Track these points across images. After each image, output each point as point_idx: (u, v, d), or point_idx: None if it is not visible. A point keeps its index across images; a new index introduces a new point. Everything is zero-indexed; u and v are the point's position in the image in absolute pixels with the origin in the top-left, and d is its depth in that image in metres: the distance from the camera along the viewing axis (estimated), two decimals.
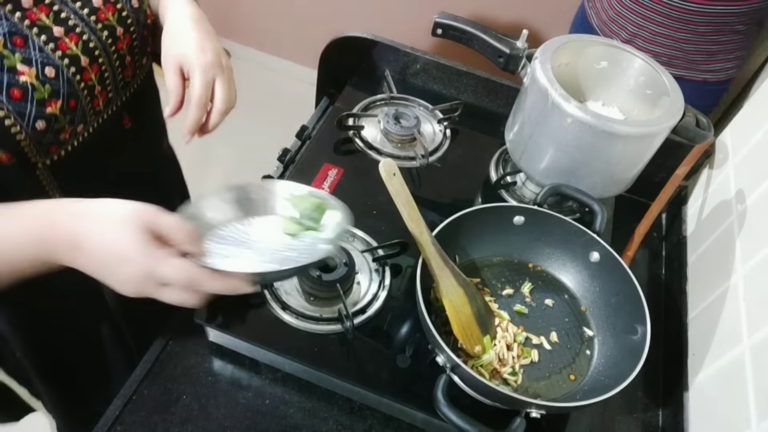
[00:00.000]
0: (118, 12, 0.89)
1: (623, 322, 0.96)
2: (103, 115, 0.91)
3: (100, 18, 0.87)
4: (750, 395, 0.82)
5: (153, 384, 0.95)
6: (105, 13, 0.88)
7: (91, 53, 0.84)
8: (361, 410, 0.96)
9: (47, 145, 0.82)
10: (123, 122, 0.97)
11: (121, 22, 0.89)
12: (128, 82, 0.95)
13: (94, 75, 0.85)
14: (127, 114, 0.97)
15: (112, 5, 0.89)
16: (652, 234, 1.32)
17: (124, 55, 0.91)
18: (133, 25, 0.92)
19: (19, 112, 0.77)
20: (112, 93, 0.91)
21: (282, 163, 1.27)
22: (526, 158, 1.15)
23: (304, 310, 0.99)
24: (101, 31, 0.86)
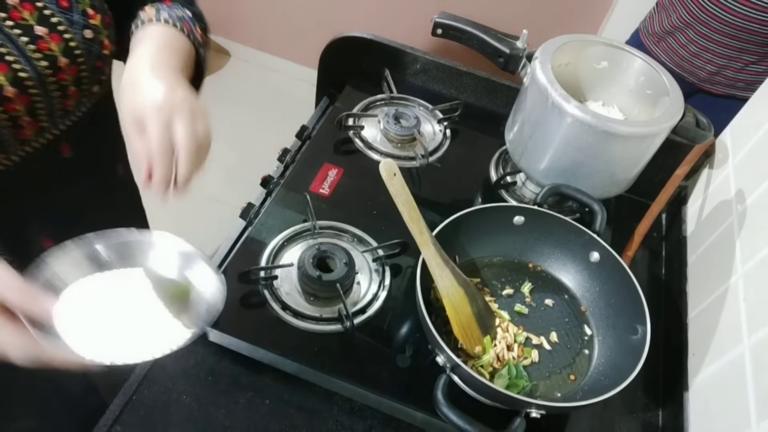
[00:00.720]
0: (65, 42, 0.81)
1: (623, 322, 0.96)
2: (33, 143, 0.83)
3: (40, 48, 0.79)
4: (750, 395, 0.82)
5: (153, 384, 0.95)
6: (48, 43, 0.79)
7: (20, 84, 0.77)
8: (361, 410, 0.96)
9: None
10: (61, 151, 0.89)
11: (66, 53, 0.81)
12: (70, 111, 0.87)
13: (23, 106, 0.78)
14: (66, 143, 0.89)
15: (58, 35, 0.81)
16: (652, 234, 1.32)
17: (67, 86, 0.83)
18: (83, 56, 0.84)
19: None
20: (47, 123, 0.83)
21: (282, 163, 1.27)
22: (526, 158, 1.15)
23: (305, 310, 0.99)
24: (39, 62, 0.78)
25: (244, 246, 1.08)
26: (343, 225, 1.12)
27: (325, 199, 1.18)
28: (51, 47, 0.80)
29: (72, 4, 0.83)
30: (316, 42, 1.44)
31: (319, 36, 1.39)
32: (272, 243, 1.07)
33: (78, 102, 0.87)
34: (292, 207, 1.15)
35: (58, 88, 0.82)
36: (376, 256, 1.08)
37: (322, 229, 1.11)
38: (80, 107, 0.88)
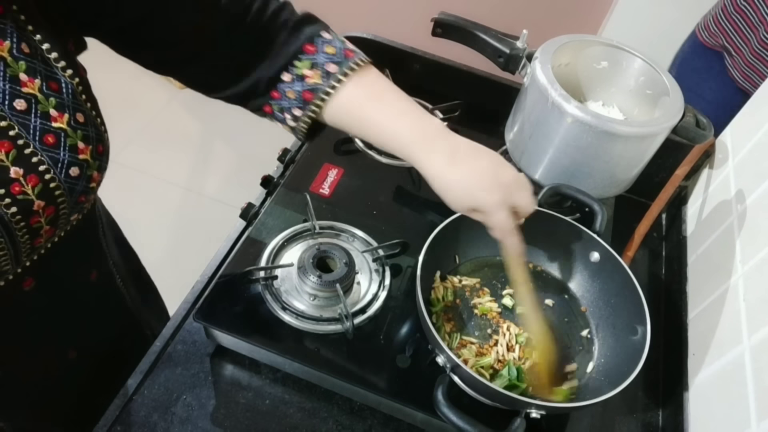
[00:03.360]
0: (44, 184, 0.70)
1: (623, 322, 0.96)
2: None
3: (12, 191, 0.68)
4: (750, 395, 0.82)
5: (153, 384, 0.95)
6: (23, 185, 0.69)
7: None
8: (361, 410, 0.96)
9: None
10: (22, 285, 0.80)
11: (43, 195, 0.71)
12: (39, 247, 0.77)
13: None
14: (30, 276, 0.80)
15: (37, 176, 0.70)
16: (652, 234, 1.32)
17: (39, 227, 0.73)
18: (64, 196, 0.73)
19: None
20: (9, 266, 0.73)
21: (282, 163, 1.27)
22: (526, 158, 1.16)
23: (304, 310, 0.99)
24: (7, 208, 0.68)
25: (244, 246, 1.08)
26: (343, 225, 1.12)
27: (325, 199, 1.18)
28: (26, 191, 0.69)
29: (59, 139, 0.72)
30: None
31: None
32: (272, 243, 1.07)
33: (50, 237, 0.78)
34: (292, 207, 1.15)
35: (28, 231, 0.72)
36: (376, 256, 1.08)
37: (322, 229, 1.11)
38: (51, 239, 0.80)
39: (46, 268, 0.82)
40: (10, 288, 0.77)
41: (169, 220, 2.75)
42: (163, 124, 3.25)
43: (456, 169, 0.84)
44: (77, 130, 0.74)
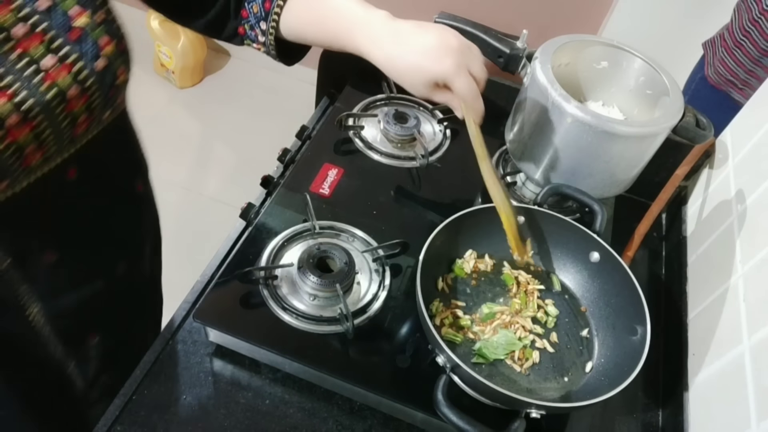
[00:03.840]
0: (75, 74, 0.78)
1: (623, 322, 0.96)
2: (37, 172, 0.81)
3: (47, 78, 0.75)
4: (750, 396, 0.82)
5: (153, 384, 0.95)
6: (56, 74, 0.76)
7: (24, 114, 0.74)
8: (361, 410, 0.96)
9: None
10: (67, 175, 0.86)
11: (76, 84, 0.78)
12: (78, 137, 0.84)
13: (26, 134, 0.75)
14: (73, 166, 0.86)
15: (67, 66, 0.77)
16: (652, 234, 1.32)
17: (77, 114, 0.80)
18: (94, 86, 0.80)
19: None
20: (54, 150, 0.80)
21: (282, 163, 1.27)
22: (526, 158, 1.16)
23: (304, 310, 0.99)
24: (45, 93, 0.75)
25: (244, 246, 1.08)
26: (343, 225, 1.12)
27: (325, 199, 1.18)
28: (59, 79, 0.76)
29: (84, 34, 0.79)
30: None
31: None
32: (272, 243, 1.07)
33: (88, 128, 0.84)
34: (292, 207, 1.15)
35: (66, 117, 0.79)
36: (376, 256, 1.08)
37: (322, 229, 1.11)
38: (89, 132, 0.86)
39: (88, 162, 0.88)
40: (57, 175, 0.83)
41: (169, 220, 2.75)
42: (163, 124, 3.25)
43: (402, 48, 0.89)
44: (98, 27, 0.80)
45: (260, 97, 3.46)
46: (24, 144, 0.75)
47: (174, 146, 3.14)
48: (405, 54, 0.89)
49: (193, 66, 3.40)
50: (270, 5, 0.96)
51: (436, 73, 0.88)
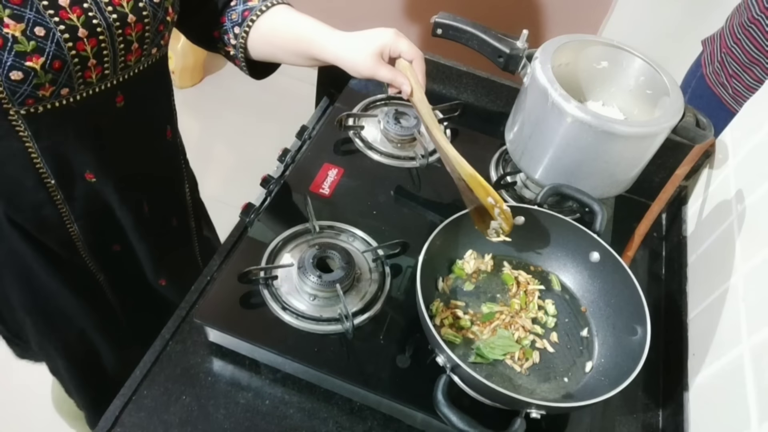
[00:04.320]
0: (135, 2, 0.90)
1: (623, 322, 0.96)
2: (95, 87, 0.92)
3: (113, 2, 0.88)
4: (750, 396, 0.82)
5: (153, 384, 0.95)
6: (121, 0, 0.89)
7: (92, 29, 0.86)
8: (361, 411, 0.96)
9: (23, 96, 0.84)
10: (116, 100, 0.97)
11: (135, 11, 0.90)
12: (130, 66, 0.96)
13: (90, 48, 0.86)
14: (122, 93, 0.98)
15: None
16: (653, 234, 1.32)
17: (131, 41, 0.92)
18: (149, 17, 0.93)
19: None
20: (109, 70, 0.92)
21: (282, 163, 1.27)
22: (526, 158, 1.15)
23: (305, 310, 0.99)
24: (110, 14, 0.87)
25: (244, 246, 1.08)
26: (343, 225, 1.12)
27: (325, 199, 1.18)
28: (122, 3, 0.89)
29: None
30: None
31: None
32: (272, 243, 1.07)
33: (138, 59, 0.96)
34: (292, 207, 1.16)
35: (123, 41, 0.91)
36: (376, 256, 1.08)
37: (322, 229, 1.11)
38: (138, 64, 0.97)
39: (134, 93, 1.00)
40: (107, 97, 0.96)
41: None
42: None
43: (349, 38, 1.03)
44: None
45: (260, 97, 3.46)
46: (87, 56, 0.87)
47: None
48: (350, 41, 1.02)
49: (193, 66, 3.40)
50: (248, 14, 1.09)
51: (379, 42, 1.00)
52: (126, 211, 1.11)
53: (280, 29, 1.08)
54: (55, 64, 0.83)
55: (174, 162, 1.25)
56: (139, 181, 1.11)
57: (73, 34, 0.84)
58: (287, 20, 1.08)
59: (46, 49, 0.82)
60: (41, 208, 1.02)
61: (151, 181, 1.16)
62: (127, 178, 1.08)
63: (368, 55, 1.00)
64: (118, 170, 1.05)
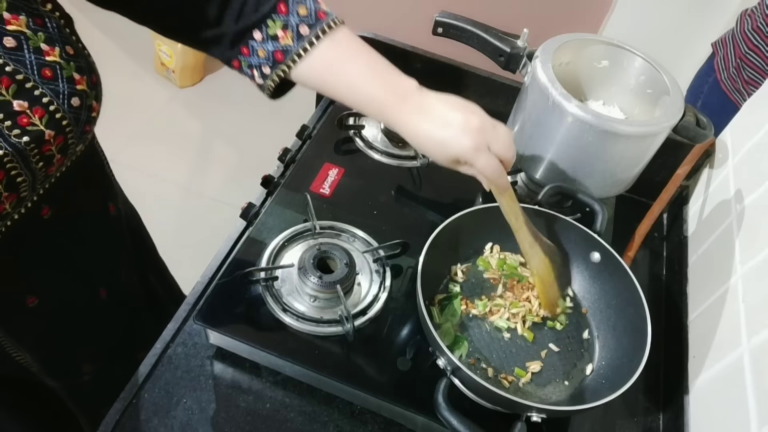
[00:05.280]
0: (50, 114, 0.74)
1: (624, 324, 0.96)
2: (12, 216, 0.79)
3: (20, 123, 0.72)
4: (750, 399, 0.82)
5: (153, 387, 0.95)
6: (30, 117, 0.72)
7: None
8: (362, 414, 0.96)
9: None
10: (41, 214, 0.85)
11: (51, 125, 0.75)
12: (51, 175, 0.82)
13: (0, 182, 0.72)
14: (46, 204, 0.85)
15: (42, 108, 0.73)
16: (654, 234, 1.32)
17: (51, 155, 0.77)
18: (70, 125, 0.77)
19: None
20: (26, 192, 0.78)
21: (282, 163, 1.27)
22: (526, 158, 1.15)
23: (305, 311, 0.99)
24: (18, 138, 0.72)
25: (245, 246, 1.08)
26: (344, 225, 1.12)
27: (326, 199, 1.18)
28: (33, 122, 0.73)
29: (56, 72, 0.75)
30: None
31: None
32: (272, 243, 1.06)
33: (60, 165, 0.82)
34: (292, 207, 1.15)
35: (42, 159, 0.76)
36: (377, 256, 1.08)
37: (322, 230, 1.10)
38: (61, 168, 0.84)
39: (60, 197, 0.86)
40: (30, 216, 0.82)
41: (169, 220, 2.75)
42: (163, 124, 3.25)
43: (426, 124, 0.85)
44: (70, 62, 0.77)
45: (261, 96, 3.45)
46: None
47: (174, 146, 3.14)
48: (428, 131, 0.85)
49: (193, 65, 3.40)
50: (283, 57, 0.87)
51: (456, 152, 0.85)
52: (80, 317, 1.04)
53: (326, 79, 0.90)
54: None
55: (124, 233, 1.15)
56: (89, 276, 1.03)
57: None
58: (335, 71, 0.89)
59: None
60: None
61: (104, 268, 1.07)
62: (75, 282, 0.99)
63: (444, 160, 0.87)
64: (63, 279, 0.96)
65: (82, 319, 1.05)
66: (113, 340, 1.06)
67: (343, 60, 0.89)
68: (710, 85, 1.71)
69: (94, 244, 1.01)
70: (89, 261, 1.01)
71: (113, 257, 1.09)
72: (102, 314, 1.08)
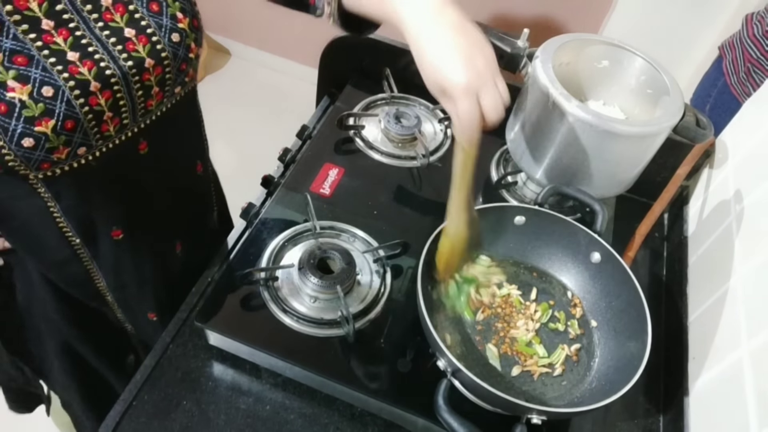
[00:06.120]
0: (152, 44, 0.85)
1: (624, 325, 0.96)
2: (115, 140, 0.86)
3: (127, 48, 0.82)
4: (749, 401, 0.82)
5: (153, 389, 0.95)
6: (135, 44, 0.83)
7: (105, 80, 0.80)
8: (362, 417, 0.96)
9: (37, 161, 0.79)
10: (138, 148, 0.92)
11: (152, 55, 0.85)
12: (151, 110, 0.90)
13: (105, 101, 0.81)
14: (144, 139, 0.92)
15: (146, 37, 0.84)
16: (654, 234, 1.31)
17: (150, 86, 0.86)
18: (168, 59, 0.87)
19: (2, 127, 0.74)
20: (128, 120, 0.86)
21: (283, 163, 1.27)
22: (526, 158, 1.15)
23: (305, 312, 0.99)
24: (125, 61, 0.82)
25: (245, 246, 1.08)
26: (344, 225, 1.12)
27: (326, 199, 1.18)
28: (138, 49, 0.83)
29: (162, 7, 0.86)
30: (316, 41, 1.44)
31: (320, 35, 1.38)
32: (273, 243, 1.06)
33: (159, 102, 0.91)
34: (292, 207, 1.15)
35: (141, 87, 0.85)
36: (377, 256, 1.07)
37: (322, 230, 1.10)
38: (161, 107, 0.92)
39: (159, 137, 0.95)
40: (129, 146, 0.90)
41: None
42: None
43: (433, 39, 0.83)
44: (176, 1, 0.88)
45: (260, 96, 3.46)
46: (102, 110, 0.81)
47: None
48: (432, 47, 0.82)
49: None
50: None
51: (446, 83, 0.81)
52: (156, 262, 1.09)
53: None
54: (68, 124, 0.78)
55: (206, 196, 1.22)
56: (170, 226, 1.10)
57: (84, 90, 0.78)
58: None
59: (56, 111, 0.76)
60: (67, 265, 0.99)
61: (183, 222, 1.13)
62: (157, 227, 1.06)
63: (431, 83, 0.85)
64: (147, 222, 1.02)
65: (156, 265, 1.10)
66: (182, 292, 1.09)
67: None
68: (719, 89, 1.70)
69: (179, 196, 1.09)
70: (173, 211, 1.08)
71: (194, 216, 1.16)
72: (173, 266, 1.14)
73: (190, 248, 1.16)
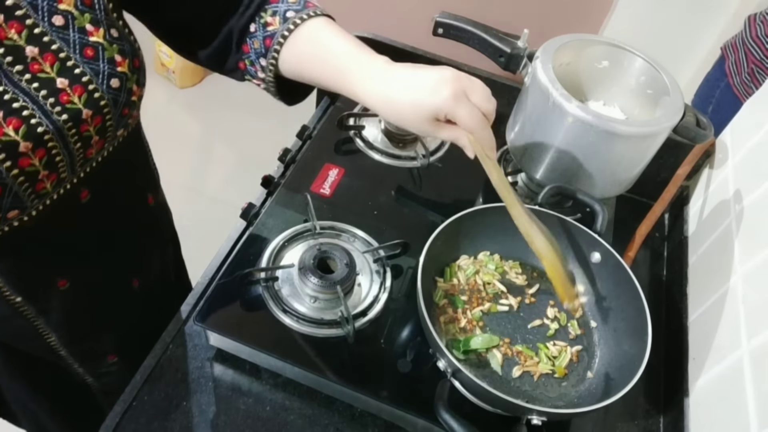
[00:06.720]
0: (89, 94, 0.76)
1: (624, 325, 0.96)
2: (52, 195, 0.79)
3: (60, 100, 0.74)
4: (749, 402, 0.82)
5: (153, 390, 0.94)
6: (69, 95, 0.75)
7: (37, 138, 0.72)
8: (362, 417, 0.96)
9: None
10: (80, 197, 0.85)
11: (90, 105, 0.76)
12: (91, 158, 0.82)
13: (38, 160, 0.73)
14: (86, 188, 0.85)
15: (81, 86, 0.76)
16: (655, 234, 1.31)
17: (89, 137, 0.78)
18: (108, 106, 0.79)
19: None
20: (66, 174, 0.79)
21: (283, 163, 1.27)
22: (527, 158, 1.15)
23: (305, 312, 0.99)
24: (59, 115, 0.74)
25: (245, 247, 1.08)
26: (344, 225, 1.12)
27: (326, 200, 1.18)
28: (73, 100, 0.75)
29: (98, 52, 0.78)
30: None
31: None
32: (273, 243, 1.06)
33: (101, 148, 0.83)
34: (292, 207, 1.15)
35: (80, 140, 0.78)
36: (377, 256, 1.07)
37: (322, 230, 1.10)
38: (102, 152, 0.84)
39: (101, 182, 0.87)
40: (69, 198, 0.82)
41: None
42: (163, 124, 3.25)
43: (397, 89, 0.85)
44: (113, 44, 0.79)
45: (261, 96, 3.44)
46: (37, 170, 0.74)
47: (174, 146, 3.13)
48: (400, 94, 0.85)
49: (193, 66, 3.37)
50: (270, 42, 0.91)
51: (434, 105, 0.83)
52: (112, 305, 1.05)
53: (308, 61, 0.92)
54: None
55: (160, 223, 1.17)
56: (121, 264, 1.04)
57: (11, 152, 0.70)
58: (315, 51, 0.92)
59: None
60: (7, 320, 0.92)
61: (136, 257, 1.08)
62: (107, 268, 1.00)
63: (421, 121, 0.85)
64: (95, 265, 0.96)
65: (113, 307, 1.06)
66: (143, 329, 1.06)
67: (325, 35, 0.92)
68: (722, 90, 1.70)
69: (130, 233, 1.03)
70: (124, 249, 1.02)
71: (148, 248, 1.11)
72: (133, 304, 1.10)
73: (147, 282, 1.12)
